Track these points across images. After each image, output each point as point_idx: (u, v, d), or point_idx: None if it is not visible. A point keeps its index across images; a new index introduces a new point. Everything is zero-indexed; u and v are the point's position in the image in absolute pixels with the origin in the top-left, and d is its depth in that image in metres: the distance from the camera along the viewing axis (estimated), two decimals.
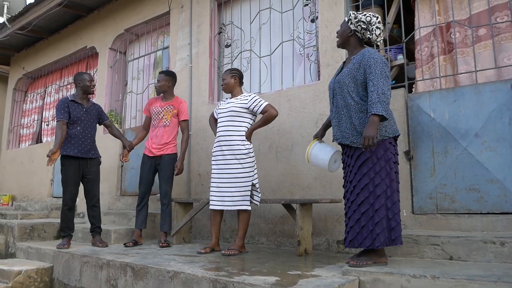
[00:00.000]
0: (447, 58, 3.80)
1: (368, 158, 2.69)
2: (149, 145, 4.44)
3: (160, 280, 2.92)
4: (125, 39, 6.59)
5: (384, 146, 2.70)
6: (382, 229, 2.63)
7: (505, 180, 3.15)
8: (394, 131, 2.77)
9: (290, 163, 4.30)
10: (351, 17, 2.86)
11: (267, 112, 3.78)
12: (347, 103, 2.79)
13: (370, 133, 2.54)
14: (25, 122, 8.72)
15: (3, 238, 4.95)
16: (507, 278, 2.24)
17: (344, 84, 2.80)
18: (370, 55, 2.71)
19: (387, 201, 2.66)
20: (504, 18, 3.50)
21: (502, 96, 3.23)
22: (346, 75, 2.80)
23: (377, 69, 2.66)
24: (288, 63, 4.69)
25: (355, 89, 2.76)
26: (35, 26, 7.35)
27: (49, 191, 7.28)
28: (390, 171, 2.68)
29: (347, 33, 2.89)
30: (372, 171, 2.67)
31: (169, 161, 4.35)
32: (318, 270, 2.84)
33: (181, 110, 4.48)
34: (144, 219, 4.40)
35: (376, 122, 2.57)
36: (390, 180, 2.68)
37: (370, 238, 2.64)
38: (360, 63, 2.74)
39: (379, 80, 2.62)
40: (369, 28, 2.81)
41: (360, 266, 2.65)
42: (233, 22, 5.36)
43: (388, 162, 2.68)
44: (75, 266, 3.71)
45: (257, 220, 4.46)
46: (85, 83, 4.33)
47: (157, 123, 4.45)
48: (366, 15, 2.82)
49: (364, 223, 2.66)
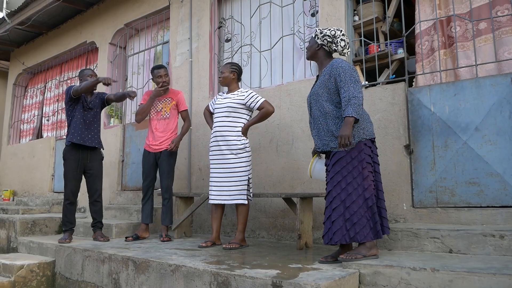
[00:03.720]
0: (447, 52, 3.80)
1: (342, 158, 2.84)
2: (149, 140, 4.43)
3: (161, 273, 2.94)
4: (125, 34, 6.58)
5: (359, 147, 2.84)
6: (352, 225, 2.72)
7: (505, 173, 3.16)
8: (370, 134, 2.92)
9: (291, 157, 4.31)
10: (317, 33, 3.07)
11: (264, 108, 3.79)
12: (323, 112, 2.96)
13: (345, 132, 2.71)
14: (25, 117, 8.72)
15: (5, 233, 4.98)
16: (506, 270, 2.26)
17: (318, 95, 3.00)
18: (338, 65, 2.91)
19: (359, 198, 2.75)
20: (505, 11, 3.49)
21: (502, 90, 3.24)
22: (319, 87, 3.01)
23: (346, 76, 2.84)
24: (288, 57, 4.68)
25: (329, 98, 2.95)
26: (35, 21, 7.34)
27: (50, 186, 7.30)
28: (363, 170, 2.80)
29: (315, 47, 3.09)
30: (345, 169, 2.81)
31: (169, 156, 4.36)
32: (318, 263, 2.86)
33: (179, 100, 4.49)
34: (149, 213, 4.41)
35: (350, 122, 2.74)
36: (363, 179, 2.78)
37: (339, 234, 2.74)
38: (330, 73, 2.94)
39: (349, 86, 2.81)
40: (334, 41, 3.01)
41: (350, 260, 2.71)
42: (233, 16, 5.35)
43: (361, 163, 2.81)
44: (77, 260, 3.73)
45: (257, 214, 4.48)
46: (87, 78, 4.37)
47: (155, 116, 4.45)
48: (331, 29, 3.04)
49: (334, 219, 2.77)
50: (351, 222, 2.73)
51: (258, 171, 4.49)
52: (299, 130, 4.27)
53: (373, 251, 2.77)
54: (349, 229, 2.73)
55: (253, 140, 4.49)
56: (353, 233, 2.72)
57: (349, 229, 2.73)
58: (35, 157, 7.71)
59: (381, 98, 3.76)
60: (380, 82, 3.94)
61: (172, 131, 4.43)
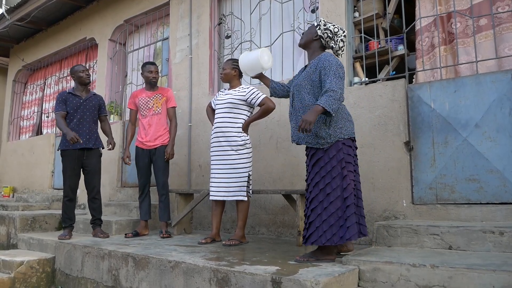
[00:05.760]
0: (447, 48, 3.79)
1: (321, 158, 2.80)
2: (142, 137, 4.42)
3: (161, 270, 2.94)
4: (124, 30, 6.57)
5: (337, 146, 2.78)
6: (329, 227, 2.69)
7: (505, 170, 3.16)
8: (349, 133, 2.86)
9: (291, 153, 4.30)
10: (321, 23, 2.99)
11: (265, 104, 3.78)
12: (303, 104, 2.91)
13: (308, 118, 2.64)
14: (25, 114, 8.71)
15: (5, 229, 4.98)
16: (506, 267, 2.26)
17: (301, 86, 2.94)
18: (325, 58, 2.85)
19: (337, 200, 2.71)
20: (505, 8, 3.48)
21: (502, 87, 3.23)
22: (303, 78, 2.95)
23: (331, 70, 2.78)
24: (288, 53, 4.67)
25: (311, 90, 2.90)
26: (34, 17, 7.32)
27: (50, 182, 7.30)
28: (342, 170, 2.75)
29: (313, 36, 3.01)
30: (323, 170, 2.77)
31: (164, 152, 4.36)
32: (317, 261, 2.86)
33: (169, 97, 4.50)
34: (147, 210, 4.42)
35: (317, 111, 2.66)
36: (342, 178, 2.74)
37: (316, 235, 2.72)
38: (317, 66, 2.88)
39: (332, 80, 2.74)
40: (334, 38, 2.95)
41: (303, 262, 2.74)
42: (233, 12, 5.33)
43: (340, 162, 2.76)
44: (76, 256, 3.73)
45: (257, 210, 4.48)
46: (78, 74, 4.36)
47: (147, 113, 4.43)
48: (335, 26, 2.97)
49: (312, 220, 2.75)
50: (328, 224, 2.70)
51: (258, 167, 4.49)
52: None
53: (329, 256, 2.78)
54: (325, 230, 2.70)
55: (253, 136, 4.48)
56: (330, 234, 2.69)
57: (325, 231, 2.70)
58: (35, 153, 7.71)
59: (381, 95, 3.75)
60: (380, 79, 3.93)
61: (164, 127, 4.44)
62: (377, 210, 3.67)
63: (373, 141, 3.73)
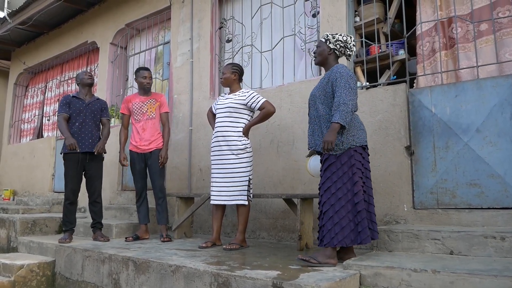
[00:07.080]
0: (448, 53, 3.80)
1: (332, 163, 2.88)
2: (136, 141, 4.43)
3: (162, 274, 2.94)
4: (126, 34, 6.58)
5: (349, 153, 2.87)
6: (341, 229, 2.76)
7: (506, 175, 3.15)
8: (361, 141, 2.94)
9: (291, 158, 4.30)
10: (329, 38, 3.09)
11: (265, 108, 3.78)
12: (318, 114, 3.03)
13: (328, 138, 2.77)
14: (26, 117, 8.72)
15: (5, 232, 4.97)
16: (507, 272, 2.25)
17: (316, 96, 3.07)
18: (337, 70, 2.95)
19: (348, 203, 2.79)
20: (506, 13, 3.49)
21: (503, 92, 3.23)
22: (318, 89, 3.08)
23: (342, 81, 2.87)
24: (289, 58, 4.68)
25: (325, 101, 3.00)
26: (36, 21, 7.34)
27: (50, 185, 7.30)
28: (353, 176, 2.83)
29: (327, 51, 3.10)
30: (335, 175, 2.85)
31: (159, 156, 4.37)
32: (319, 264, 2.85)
33: (162, 102, 4.54)
34: (146, 214, 4.43)
35: (335, 128, 2.78)
36: (353, 184, 2.82)
37: (328, 236, 2.78)
38: (329, 78, 2.98)
39: (342, 92, 2.84)
40: (347, 46, 3.07)
41: (304, 261, 2.80)
42: (234, 17, 5.35)
43: (351, 168, 2.85)
44: (77, 260, 3.72)
45: (258, 214, 4.48)
46: (81, 76, 4.42)
47: (140, 117, 4.45)
48: (342, 35, 3.08)
49: (324, 223, 2.83)
50: (340, 226, 2.76)
51: (259, 171, 4.49)
52: (299, 131, 4.27)
53: (331, 260, 2.80)
54: (337, 232, 2.76)
55: (253, 140, 4.48)
56: (341, 236, 2.75)
57: (337, 233, 2.76)
58: (35, 156, 7.71)
59: (382, 99, 3.76)
60: (381, 83, 3.93)
61: (158, 131, 4.48)
62: (378, 215, 3.65)
63: (374, 145, 3.73)
